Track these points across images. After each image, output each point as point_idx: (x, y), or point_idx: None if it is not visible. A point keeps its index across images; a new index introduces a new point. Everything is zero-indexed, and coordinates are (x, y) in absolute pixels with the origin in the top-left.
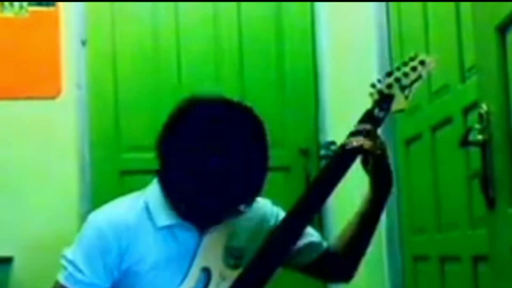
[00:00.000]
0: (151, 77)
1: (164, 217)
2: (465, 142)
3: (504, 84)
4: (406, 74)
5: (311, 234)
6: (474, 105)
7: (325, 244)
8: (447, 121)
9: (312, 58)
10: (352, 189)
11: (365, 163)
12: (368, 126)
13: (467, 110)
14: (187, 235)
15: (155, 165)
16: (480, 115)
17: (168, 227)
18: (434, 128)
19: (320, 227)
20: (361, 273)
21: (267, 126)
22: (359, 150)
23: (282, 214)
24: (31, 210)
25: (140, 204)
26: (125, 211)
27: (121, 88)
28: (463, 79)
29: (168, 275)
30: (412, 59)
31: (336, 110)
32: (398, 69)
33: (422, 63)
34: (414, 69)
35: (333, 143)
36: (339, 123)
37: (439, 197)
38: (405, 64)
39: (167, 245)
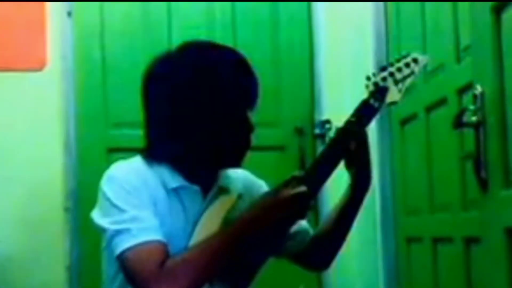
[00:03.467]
0: (141, 50)
1: (173, 180)
2: (459, 123)
3: (499, 65)
4: (399, 69)
5: (300, 222)
6: (469, 86)
7: (311, 231)
8: (442, 101)
9: (308, 35)
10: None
11: (348, 163)
12: (354, 128)
13: (462, 91)
14: (193, 201)
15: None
16: (474, 96)
17: (177, 191)
18: (429, 109)
19: (316, 218)
20: (354, 254)
21: (261, 104)
22: (333, 164)
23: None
24: (14, 184)
25: (149, 166)
26: (141, 167)
27: (109, 61)
28: (458, 59)
29: (174, 239)
30: (405, 56)
31: (331, 88)
32: (392, 64)
33: (415, 60)
34: (407, 65)
35: (328, 121)
36: (335, 102)
37: (433, 178)
38: (398, 60)
39: (177, 213)
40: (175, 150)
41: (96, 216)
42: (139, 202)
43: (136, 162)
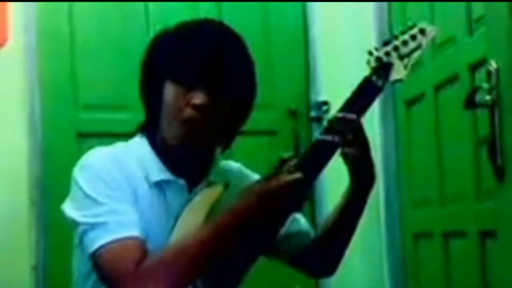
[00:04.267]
0: (114, 23)
1: (157, 172)
2: (471, 103)
3: None
4: (405, 43)
5: (299, 221)
6: (483, 62)
7: (312, 234)
8: (452, 79)
9: (301, 7)
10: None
11: (344, 155)
12: (352, 116)
13: (474, 67)
14: (177, 197)
15: (120, 126)
16: (489, 73)
17: (160, 185)
18: (438, 87)
19: (312, 215)
20: (356, 252)
21: None
22: (334, 147)
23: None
24: None
25: (129, 155)
26: (121, 155)
27: (78, 35)
28: (470, 31)
29: (155, 235)
30: (411, 27)
31: (329, 65)
32: (396, 37)
33: (422, 31)
34: (413, 37)
35: (325, 103)
36: (332, 80)
37: (443, 166)
38: (403, 32)
39: (159, 209)
40: (151, 132)
41: (68, 208)
42: (117, 194)
43: (116, 149)
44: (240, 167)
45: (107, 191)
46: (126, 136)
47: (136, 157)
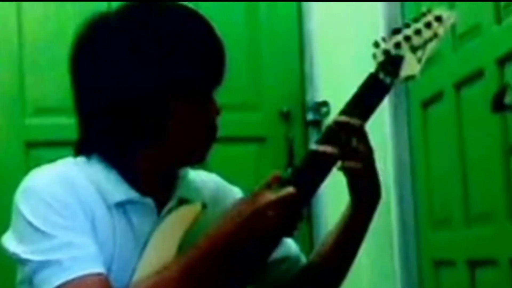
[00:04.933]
0: (71, 22)
1: (118, 191)
2: (499, 105)
3: None
4: (418, 32)
5: (287, 244)
6: None
7: (303, 260)
8: (477, 75)
9: None
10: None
11: (344, 169)
12: (356, 122)
13: (503, 61)
14: (144, 219)
15: (75, 133)
16: None
17: (122, 205)
18: (459, 85)
19: (310, 231)
20: (365, 283)
21: (233, 81)
22: (334, 159)
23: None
24: None
25: (81, 173)
26: (71, 174)
27: (27, 33)
28: (498, 19)
29: (120, 268)
30: (425, 14)
31: (327, 59)
32: (408, 25)
33: (438, 19)
34: (428, 25)
35: (324, 103)
36: (332, 78)
37: (467, 180)
38: (416, 20)
39: (123, 235)
40: (118, 146)
41: (9, 241)
42: (70, 222)
43: (65, 166)
44: (215, 179)
45: (58, 220)
46: None
47: (89, 175)
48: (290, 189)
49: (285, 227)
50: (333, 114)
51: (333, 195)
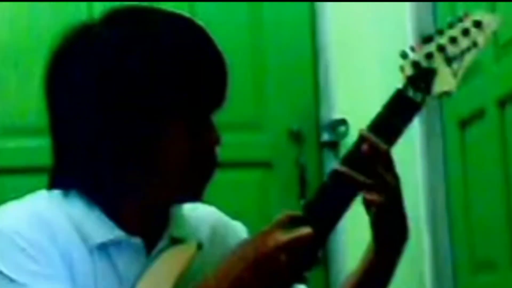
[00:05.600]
0: (47, 26)
1: (101, 230)
2: None
3: None
4: (453, 40)
5: None
6: None
7: None
8: None
9: None
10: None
11: (366, 202)
12: (382, 146)
13: None
14: (131, 262)
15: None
16: None
17: (105, 247)
18: (504, 102)
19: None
20: None
21: (235, 97)
22: (355, 190)
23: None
24: None
25: (56, 210)
26: (45, 211)
27: None
28: None
29: None
30: (461, 19)
31: (346, 71)
32: (441, 32)
33: (477, 24)
34: (465, 32)
35: (342, 122)
36: (352, 93)
37: None
38: (451, 25)
39: (107, 280)
40: (100, 180)
41: None
42: (44, 269)
43: (38, 202)
44: (213, 213)
45: (31, 266)
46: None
47: (66, 213)
48: (306, 229)
49: (299, 273)
50: (353, 134)
51: (352, 232)
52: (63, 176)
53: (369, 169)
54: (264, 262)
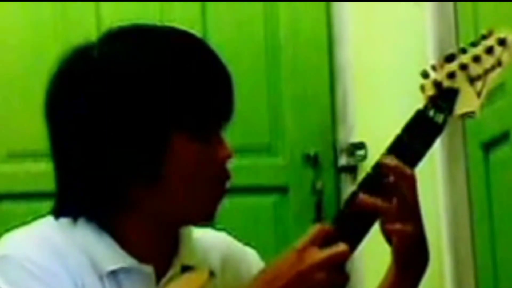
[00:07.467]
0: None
1: (112, 257)
2: None
3: None
4: (477, 59)
5: None
6: None
7: None
8: None
9: (325, 8)
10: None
11: (385, 230)
12: (407, 171)
13: None
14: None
15: (46, 182)
16: None
17: (116, 274)
18: None
19: None
20: None
21: (246, 118)
22: (374, 215)
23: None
24: None
25: (65, 235)
26: (54, 237)
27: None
28: None
29: None
30: (485, 36)
31: (365, 91)
32: (464, 51)
33: (502, 42)
34: (489, 51)
35: (360, 145)
36: (371, 114)
37: None
38: (475, 44)
39: None
40: (106, 205)
41: None
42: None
43: (47, 229)
44: (226, 239)
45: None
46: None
47: (76, 240)
48: (342, 246)
49: None
50: (371, 159)
51: (370, 256)
52: (69, 203)
53: (391, 195)
54: (302, 281)
